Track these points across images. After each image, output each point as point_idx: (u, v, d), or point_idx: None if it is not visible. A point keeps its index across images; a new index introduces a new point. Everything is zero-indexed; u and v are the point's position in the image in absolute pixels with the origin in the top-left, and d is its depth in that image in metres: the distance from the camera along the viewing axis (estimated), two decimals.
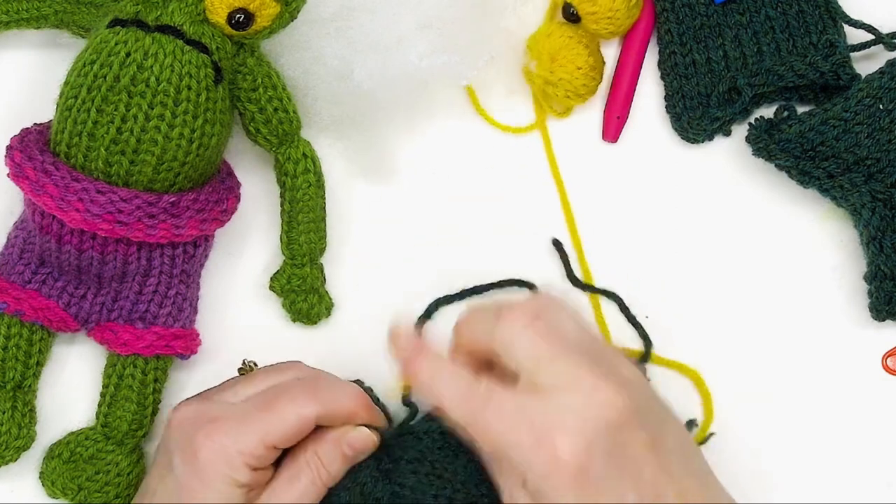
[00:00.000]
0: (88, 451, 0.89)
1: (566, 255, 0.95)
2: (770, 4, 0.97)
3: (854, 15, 0.97)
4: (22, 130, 0.90)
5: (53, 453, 0.90)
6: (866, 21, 0.97)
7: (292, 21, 0.90)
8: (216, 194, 0.90)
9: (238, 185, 0.93)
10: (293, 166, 0.92)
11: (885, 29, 0.97)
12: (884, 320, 0.92)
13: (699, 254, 0.96)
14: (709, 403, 0.93)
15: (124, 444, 0.90)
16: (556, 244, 0.96)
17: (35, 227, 0.89)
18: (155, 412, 0.91)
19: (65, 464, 0.89)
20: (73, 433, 0.91)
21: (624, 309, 0.94)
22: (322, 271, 0.94)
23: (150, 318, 0.90)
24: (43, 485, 0.90)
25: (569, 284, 0.95)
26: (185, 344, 0.91)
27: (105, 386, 0.91)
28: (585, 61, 0.96)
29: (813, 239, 0.96)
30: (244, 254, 0.96)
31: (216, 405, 0.84)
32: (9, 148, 0.88)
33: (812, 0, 0.97)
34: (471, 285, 0.95)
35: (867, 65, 0.96)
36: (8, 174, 0.88)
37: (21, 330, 0.89)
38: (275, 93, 0.91)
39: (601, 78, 0.97)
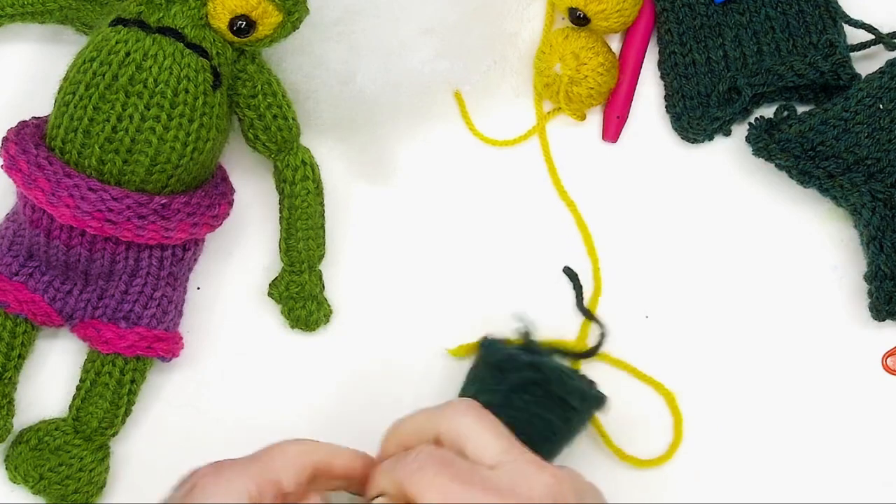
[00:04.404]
0: (56, 442, 0.89)
1: (580, 285, 0.95)
2: (770, 4, 0.97)
3: (854, 15, 0.97)
4: (19, 123, 0.90)
5: (21, 438, 0.90)
6: (866, 21, 0.97)
7: (294, 31, 0.91)
8: (208, 199, 0.90)
9: (232, 190, 0.93)
10: (292, 173, 0.92)
11: (885, 29, 0.97)
12: (884, 320, 0.91)
13: (699, 253, 0.95)
14: (679, 425, 0.92)
15: (92, 440, 0.89)
16: (569, 272, 0.95)
17: (25, 221, 0.89)
18: (128, 413, 0.90)
19: (30, 450, 0.89)
20: (44, 421, 0.90)
21: (597, 347, 0.93)
22: (321, 278, 0.94)
23: (134, 318, 0.90)
24: (6, 469, 0.90)
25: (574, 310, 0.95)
26: (168, 347, 0.91)
27: (82, 380, 0.90)
28: (606, 58, 0.97)
29: (813, 239, 0.95)
30: (243, 259, 0.96)
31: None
32: (4, 140, 0.89)
33: (812, 0, 0.97)
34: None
35: (867, 65, 0.96)
36: (2, 166, 0.88)
37: (4, 322, 0.89)
38: (274, 100, 0.91)
39: (617, 76, 0.97)
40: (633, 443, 0.91)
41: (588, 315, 0.94)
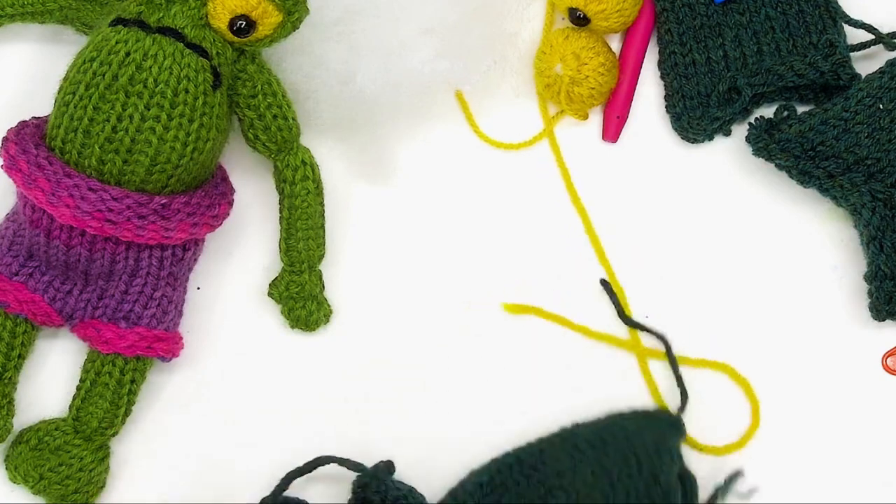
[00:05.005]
0: (56, 442, 0.89)
1: (615, 295, 0.94)
2: (770, 4, 0.97)
3: (854, 15, 0.97)
4: (19, 123, 0.90)
5: (21, 438, 0.90)
6: (866, 21, 0.97)
7: (294, 31, 0.91)
8: (208, 199, 0.90)
9: (232, 190, 0.93)
10: (292, 173, 0.92)
11: (885, 29, 0.97)
12: (884, 320, 0.91)
13: (699, 253, 0.95)
14: (756, 411, 0.92)
15: (92, 440, 0.89)
16: (605, 284, 0.94)
17: (26, 221, 0.89)
18: (128, 413, 0.90)
19: (30, 451, 0.89)
20: (44, 421, 0.90)
21: (669, 353, 0.92)
22: (321, 278, 0.94)
23: (133, 318, 0.89)
24: (6, 469, 0.89)
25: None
26: (168, 347, 0.90)
27: (82, 380, 0.90)
28: (607, 58, 0.97)
29: (813, 239, 0.95)
30: (243, 259, 0.96)
31: None
32: (4, 140, 0.89)
33: (812, 0, 0.97)
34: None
35: (867, 65, 0.96)
36: (2, 166, 0.88)
37: (5, 322, 0.89)
38: (274, 100, 0.91)
39: (618, 76, 0.98)
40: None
41: (635, 325, 0.93)
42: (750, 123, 0.94)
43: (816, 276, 0.95)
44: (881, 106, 0.92)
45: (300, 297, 0.93)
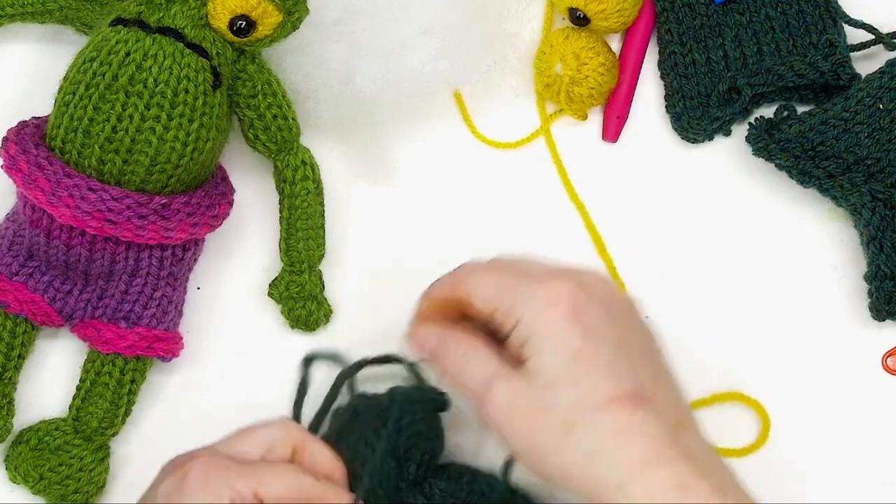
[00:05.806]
0: (56, 442, 0.89)
1: None
2: (770, 4, 0.97)
3: (854, 15, 0.97)
4: (19, 123, 0.90)
5: (21, 438, 0.90)
6: (866, 21, 0.97)
7: (294, 31, 0.91)
8: (208, 199, 0.90)
9: (232, 190, 0.93)
10: (292, 173, 0.92)
11: (885, 29, 0.97)
12: (884, 320, 0.91)
13: (699, 253, 0.96)
14: (766, 430, 0.92)
15: (92, 440, 0.89)
16: None
17: (26, 221, 0.89)
18: (128, 413, 0.90)
19: (30, 450, 0.89)
20: (44, 421, 0.90)
21: None
22: (321, 278, 0.94)
23: (133, 318, 0.90)
24: (6, 469, 0.90)
25: None
26: (168, 347, 0.91)
27: (82, 380, 0.90)
28: (607, 58, 0.97)
29: (813, 239, 0.95)
30: (243, 259, 0.96)
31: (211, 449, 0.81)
32: (4, 140, 0.89)
33: (812, 0, 0.97)
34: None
35: (867, 65, 0.96)
36: (2, 166, 0.88)
37: (5, 322, 0.89)
38: (274, 100, 0.91)
39: (618, 76, 0.98)
40: None
41: None
42: (750, 123, 0.94)
43: (816, 276, 0.95)
44: (881, 106, 0.92)
45: (300, 297, 0.93)
